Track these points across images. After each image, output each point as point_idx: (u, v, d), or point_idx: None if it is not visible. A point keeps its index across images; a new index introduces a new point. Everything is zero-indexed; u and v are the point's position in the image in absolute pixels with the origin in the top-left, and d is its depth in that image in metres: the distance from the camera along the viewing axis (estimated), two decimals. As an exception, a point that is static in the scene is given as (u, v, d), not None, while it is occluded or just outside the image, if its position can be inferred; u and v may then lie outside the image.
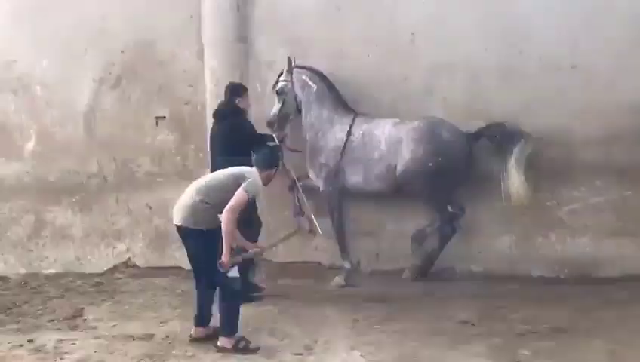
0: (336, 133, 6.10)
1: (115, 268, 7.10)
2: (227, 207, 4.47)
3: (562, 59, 6.18)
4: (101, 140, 6.99)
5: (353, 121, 6.08)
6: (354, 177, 6.07)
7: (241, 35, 6.58)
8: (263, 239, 5.66)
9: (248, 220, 5.33)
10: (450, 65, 6.22)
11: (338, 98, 6.23)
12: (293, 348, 4.56)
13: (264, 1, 6.58)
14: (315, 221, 5.54)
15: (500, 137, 5.87)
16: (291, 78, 6.19)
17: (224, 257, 4.46)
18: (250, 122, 5.92)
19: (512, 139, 5.82)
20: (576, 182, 6.27)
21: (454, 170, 5.85)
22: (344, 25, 6.37)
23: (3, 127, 7.30)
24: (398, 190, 6.00)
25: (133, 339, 4.83)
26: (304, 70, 6.22)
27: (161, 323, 5.21)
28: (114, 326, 5.21)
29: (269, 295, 5.91)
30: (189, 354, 4.50)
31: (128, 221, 7.04)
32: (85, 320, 5.45)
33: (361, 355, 4.36)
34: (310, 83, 6.15)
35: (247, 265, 5.53)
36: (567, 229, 6.30)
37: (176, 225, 4.74)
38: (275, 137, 6.02)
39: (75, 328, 5.28)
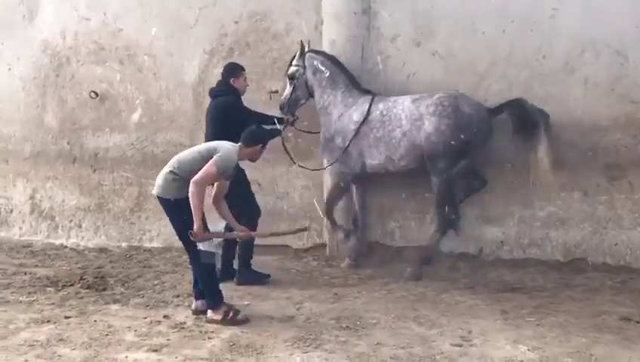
0: (353, 116, 5.92)
1: (218, 245, 6.94)
2: (193, 179, 4.52)
3: None
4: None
5: (371, 102, 5.88)
6: (376, 159, 5.85)
7: (364, 7, 6.26)
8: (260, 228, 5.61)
9: (247, 207, 5.42)
10: (594, 43, 5.79)
11: (352, 81, 6.07)
12: (448, 338, 4.29)
13: (389, -28, 6.26)
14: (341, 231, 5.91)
15: (519, 114, 5.56)
16: (303, 62, 6.09)
17: (195, 228, 4.52)
18: (240, 101, 5.78)
19: (533, 118, 5.51)
20: None
21: (476, 145, 5.61)
22: (477, -3, 6.00)
23: (107, 97, 7.18)
24: (423, 167, 5.72)
25: (277, 321, 4.63)
26: (316, 55, 6.11)
27: (296, 304, 5.01)
28: (247, 305, 5.03)
29: (387, 278, 5.71)
30: (342, 339, 4.27)
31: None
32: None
33: (528, 349, 4.08)
34: (322, 67, 6.04)
35: (231, 246, 5.67)
36: None
37: (154, 194, 4.87)
38: (277, 120, 5.92)
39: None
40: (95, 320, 4.75)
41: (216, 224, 5.48)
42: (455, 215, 5.86)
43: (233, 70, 5.81)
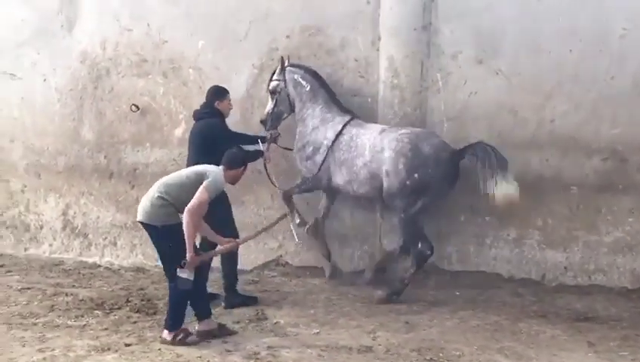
0: (327, 132, 5.97)
1: (264, 266, 6.68)
2: (187, 207, 4.47)
3: None
4: (259, 129, 6.53)
5: (347, 123, 5.93)
6: (339, 178, 5.91)
7: (425, 23, 6.08)
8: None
9: (225, 229, 5.24)
10: (669, 66, 5.65)
11: (332, 97, 6.09)
12: (540, 372, 4.08)
13: (452, -13, 6.10)
14: (293, 227, 5.86)
15: (482, 157, 5.41)
16: (284, 77, 6.10)
17: (189, 256, 4.48)
18: (224, 123, 5.75)
19: (494, 163, 5.34)
20: None
21: (432, 186, 5.51)
22: (545, 16, 5.81)
23: (149, 111, 6.92)
24: (382, 197, 5.72)
25: (355, 352, 4.37)
26: (296, 69, 6.12)
27: (369, 333, 4.75)
28: (317, 333, 4.77)
29: (452, 305, 5.48)
30: (430, 372, 4.04)
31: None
32: (277, 323, 5.02)
33: (633, 387, 3.86)
34: (302, 82, 6.06)
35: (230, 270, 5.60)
36: None
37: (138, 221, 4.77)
38: (260, 140, 5.93)
39: (269, 333, 4.85)
40: (159, 349, 4.47)
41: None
42: (430, 251, 5.59)
43: (218, 93, 5.80)
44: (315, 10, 6.38)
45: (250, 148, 5.77)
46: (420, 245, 5.56)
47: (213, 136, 5.52)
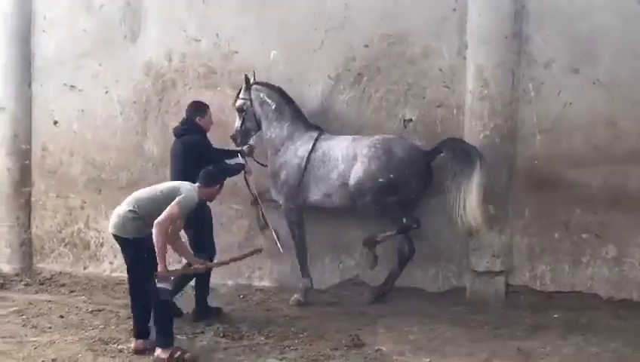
0: (298, 150, 5.96)
1: (340, 285, 6.38)
2: (157, 220, 4.52)
3: None
4: (334, 143, 6.26)
5: (317, 138, 5.93)
6: (316, 194, 5.92)
7: (515, 30, 5.80)
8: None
9: (204, 245, 5.51)
10: None
11: (299, 114, 6.08)
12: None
13: (546, -8, 5.82)
14: (277, 238, 5.88)
15: (457, 154, 5.54)
16: (249, 95, 6.11)
17: (160, 269, 4.52)
18: (206, 140, 5.80)
19: (470, 157, 5.45)
20: None
21: (406, 186, 5.62)
22: (649, 22, 5.54)
23: (218, 124, 6.60)
24: (354, 204, 5.77)
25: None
26: (262, 87, 6.12)
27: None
28: (428, 362, 4.46)
29: (556, 329, 5.14)
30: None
31: (359, 234, 6.21)
32: (379, 351, 4.71)
33: None
34: (268, 100, 6.08)
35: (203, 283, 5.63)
36: None
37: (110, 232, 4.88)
38: (240, 153, 6.07)
39: (372, 361, 4.54)
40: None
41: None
42: (416, 224, 5.69)
43: (199, 109, 5.81)
44: (397, 18, 6.12)
45: (232, 162, 5.94)
46: (404, 220, 5.63)
47: (198, 153, 5.56)
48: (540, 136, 5.83)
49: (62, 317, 5.63)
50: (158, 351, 4.65)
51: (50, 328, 5.35)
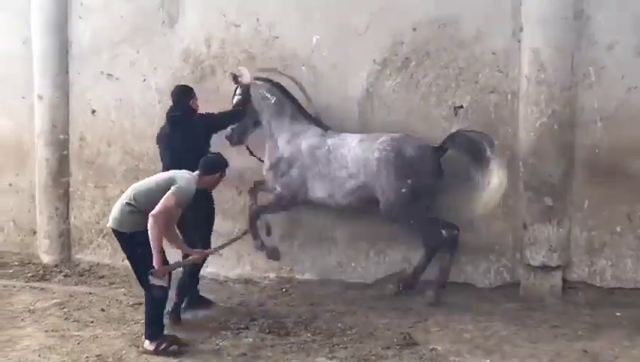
0: (301, 145, 5.79)
1: (386, 279, 6.12)
2: (152, 212, 4.39)
3: None
4: (379, 130, 5.97)
5: (322, 134, 5.80)
6: (319, 192, 5.76)
7: (576, 11, 5.45)
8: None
9: (202, 235, 5.45)
10: None
11: (300, 109, 5.92)
12: None
13: (609, -32, 5.46)
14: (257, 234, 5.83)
15: (464, 147, 5.34)
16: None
17: (156, 264, 4.41)
18: (205, 115, 5.69)
19: (478, 145, 5.24)
20: None
21: (425, 187, 5.44)
22: None
23: (259, 112, 6.45)
24: (368, 206, 5.61)
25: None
26: (262, 83, 5.94)
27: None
28: (489, 363, 4.21)
29: (620, 328, 4.84)
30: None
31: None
32: (434, 350, 4.47)
33: None
34: (267, 95, 5.92)
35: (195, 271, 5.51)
36: None
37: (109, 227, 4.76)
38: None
39: (428, 361, 4.31)
40: (319, 380, 3.98)
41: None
42: (457, 230, 5.47)
43: (190, 92, 5.70)
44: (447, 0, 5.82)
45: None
46: (444, 233, 5.43)
47: (211, 127, 5.57)
48: (601, 123, 5.49)
49: (103, 310, 5.53)
50: (146, 343, 4.61)
51: (92, 322, 5.24)
